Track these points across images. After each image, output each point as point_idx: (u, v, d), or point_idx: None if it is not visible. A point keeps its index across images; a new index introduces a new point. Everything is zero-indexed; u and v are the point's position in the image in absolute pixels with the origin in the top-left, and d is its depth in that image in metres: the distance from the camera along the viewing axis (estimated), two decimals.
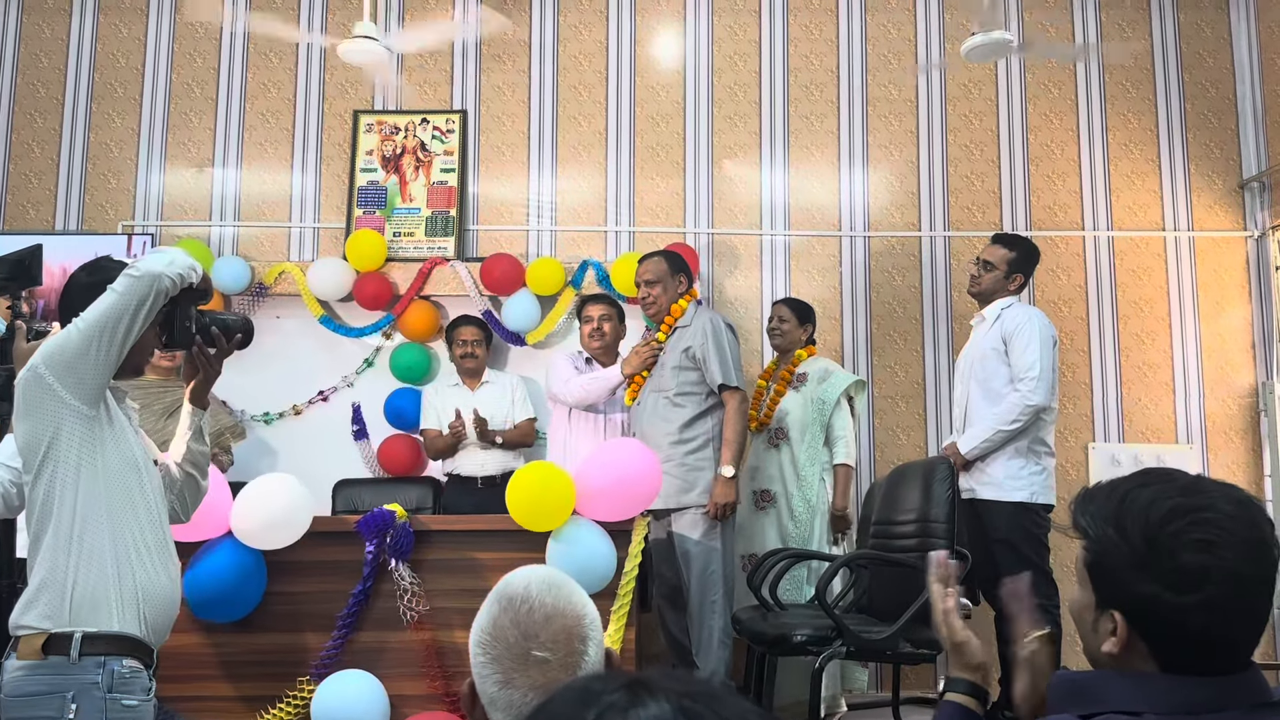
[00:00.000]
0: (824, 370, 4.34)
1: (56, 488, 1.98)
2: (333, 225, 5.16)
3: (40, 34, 5.30)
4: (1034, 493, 3.85)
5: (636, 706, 0.64)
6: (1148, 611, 1.15)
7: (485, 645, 1.23)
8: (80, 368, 1.97)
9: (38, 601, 1.97)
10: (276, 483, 3.06)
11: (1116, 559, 1.17)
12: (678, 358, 3.91)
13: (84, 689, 1.95)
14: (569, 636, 1.22)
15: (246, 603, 3.07)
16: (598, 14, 5.29)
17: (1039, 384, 3.82)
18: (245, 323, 2.28)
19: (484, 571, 3.17)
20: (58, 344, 1.98)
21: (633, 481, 3.16)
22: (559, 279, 4.92)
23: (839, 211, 5.15)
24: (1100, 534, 1.19)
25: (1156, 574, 1.14)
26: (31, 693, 1.94)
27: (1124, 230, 5.11)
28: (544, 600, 1.24)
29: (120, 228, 5.14)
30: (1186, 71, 5.19)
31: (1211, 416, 4.98)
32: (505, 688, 1.20)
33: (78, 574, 1.97)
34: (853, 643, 3.20)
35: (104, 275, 2.10)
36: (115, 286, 2.00)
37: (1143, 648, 1.16)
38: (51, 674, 1.94)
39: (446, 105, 5.23)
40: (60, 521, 1.98)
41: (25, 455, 2.00)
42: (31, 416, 1.98)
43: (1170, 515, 1.15)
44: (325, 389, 5.00)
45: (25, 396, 1.98)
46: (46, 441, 1.97)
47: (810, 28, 5.27)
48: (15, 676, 1.95)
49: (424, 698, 3.10)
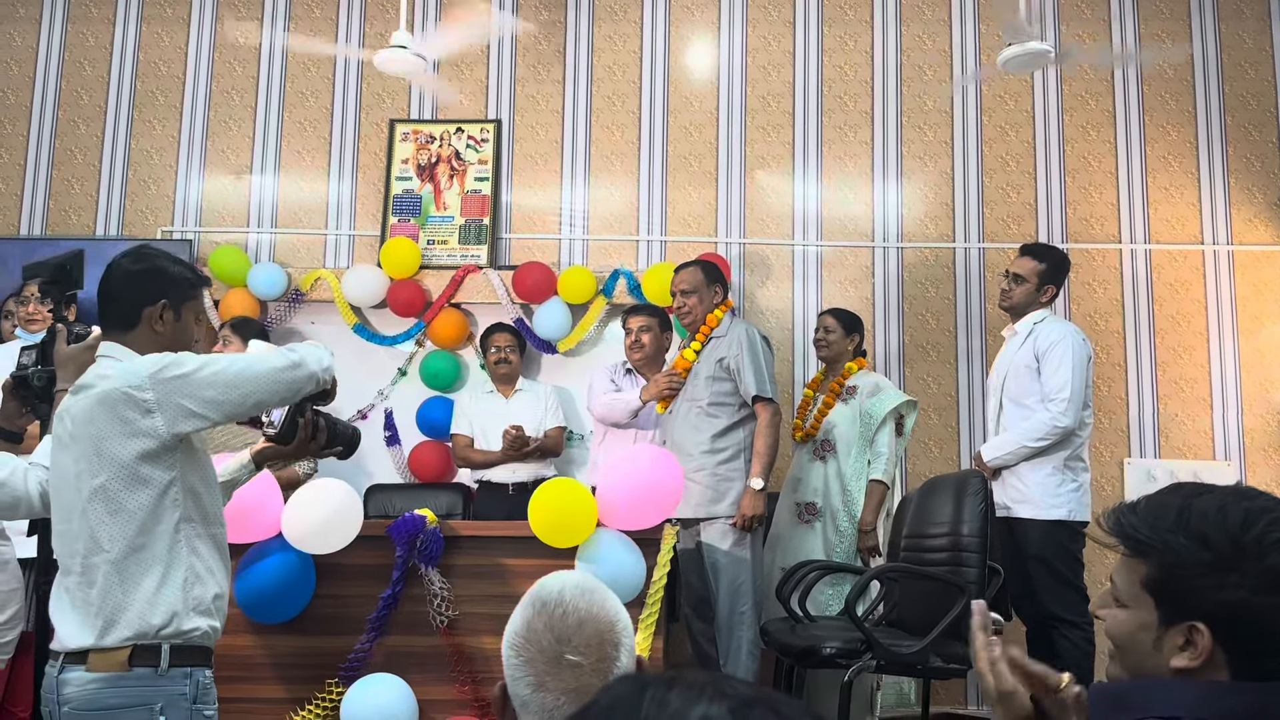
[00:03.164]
0: (874, 385, 4.24)
1: (149, 501, 1.95)
2: (368, 233, 5.21)
3: (84, 42, 5.40)
4: (1071, 510, 3.81)
5: (690, 706, 0.64)
6: (1236, 617, 1.12)
7: (519, 648, 1.24)
8: (209, 400, 1.96)
9: (124, 613, 1.91)
10: (329, 487, 3.08)
11: (1194, 569, 1.14)
12: (711, 368, 3.89)
13: (172, 700, 1.93)
14: (602, 641, 1.23)
15: (294, 605, 3.09)
16: (632, 24, 5.31)
17: (1070, 406, 3.77)
18: (354, 438, 2.29)
19: (513, 578, 3.18)
20: (208, 374, 1.96)
21: (654, 488, 3.15)
22: (590, 288, 4.94)
23: (872, 222, 5.13)
24: (1168, 544, 1.16)
25: (1245, 577, 1.12)
26: (113, 705, 1.89)
27: (1162, 243, 5.05)
28: (578, 605, 1.25)
29: (159, 233, 5.22)
30: (1227, 83, 5.13)
31: (1250, 432, 4.90)
32: (538, 690, 1.21)
33: (164, 586, 1.94)
34: (882, 656, 3.17)
35: (149, 264, 2.10)
36: (276, 363, 2.02)
37: (1222, 658, 1.14)
38: (137, 685, 1.91)
39: (481, 115, 5.27)
40: (153, 535, 1.95)
41: (111, 467, 1.94)
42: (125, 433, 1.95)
43: (1249, 519, 1.13)
44: (363, 407, 5.03)
45: (120, 414, 1.94)
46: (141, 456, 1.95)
47: (845, 38, 5.26)
48: (91, 689, 1.89)
49: (452, 703, 3.11)
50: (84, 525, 1.95)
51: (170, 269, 2.14)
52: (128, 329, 2.08)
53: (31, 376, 2.28)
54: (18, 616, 3.13)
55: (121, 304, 2.09)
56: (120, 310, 2.09)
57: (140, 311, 2.08)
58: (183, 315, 2.14)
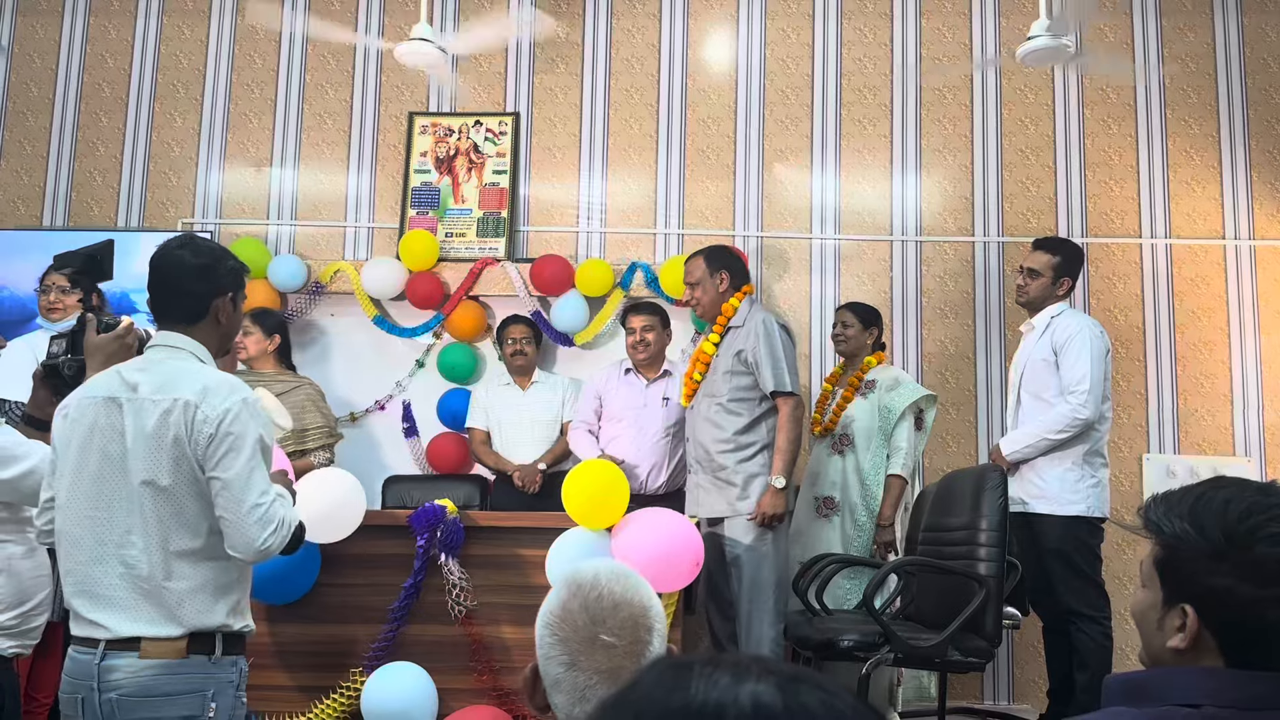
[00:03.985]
0: (894, 379, 4.22)
1: (202, 500, 2.01)
2: (387, 225, 5.23)
3: (106, 35, 5.44)
4: (1090, 505, 3.80)
5: (739, 683, 0.65)
6: (1221, 604, 1.17)
7: (553, 627, 1.26)
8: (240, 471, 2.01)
9: (185, 605, 1.97)
10: (331, 477, 3.11)
11: (1191, 552, 1.19)
12: (730, 361, 3.78)
13: (222, 687, 1.99)
14: (635, 625, 1.25)
15: (298, 586, 3.12)
16: (650, 17, 5.31)
17: (1089, 398, 3.75)
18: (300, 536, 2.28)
19: (531, 569, 3.20)
20: (246, 465, 2.01)
21: (673, 556, 3.06)
22: (608, 281, 4.95)
23: (890, 216, 5.12)
24: (1174, 530, 1.21)
25: (1233, 566, 1.16)
26: (170, 692, 1.94)
27: (1183, 238, 5.02)
28: (612, 589, 1.27)
29: (180, 225, 5.26)
30: (1249, 77, 5.09)
31: (1271, 429, 4.87)
32: (571, 669, 1.23)
33: (215, 576, 2.02)
34: (900, 649, 3.18)
35: (212, 257, 2.14)
36: (286, 519, 2.05)
37: (1211, 642, 1.18)
38: (194, 672, 1.96)
39: (500, 108, 5.28)
40: (203, 531, 2.02)
41: (182, 470, 2.00)
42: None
43: (1249, 511, 1.18)
44: (381, 398, 5.06)
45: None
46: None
47: (864, 31, 5.24)
48: (145, 676, 1.94)
49: (471, 691, 3.13)
50: (136, 517, 1.99)
51: (229, 261, 2.19)
52: (194, 321, 2.12)
53: (62, 365, 2.30)
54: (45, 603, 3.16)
55: (189, 297, 2.12)
56: (187, 303, 2.12)
57: (209, 304, 2.12)
58: (238, 306, 2.20)
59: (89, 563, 2.01)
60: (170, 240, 2.17)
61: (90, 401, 2.07)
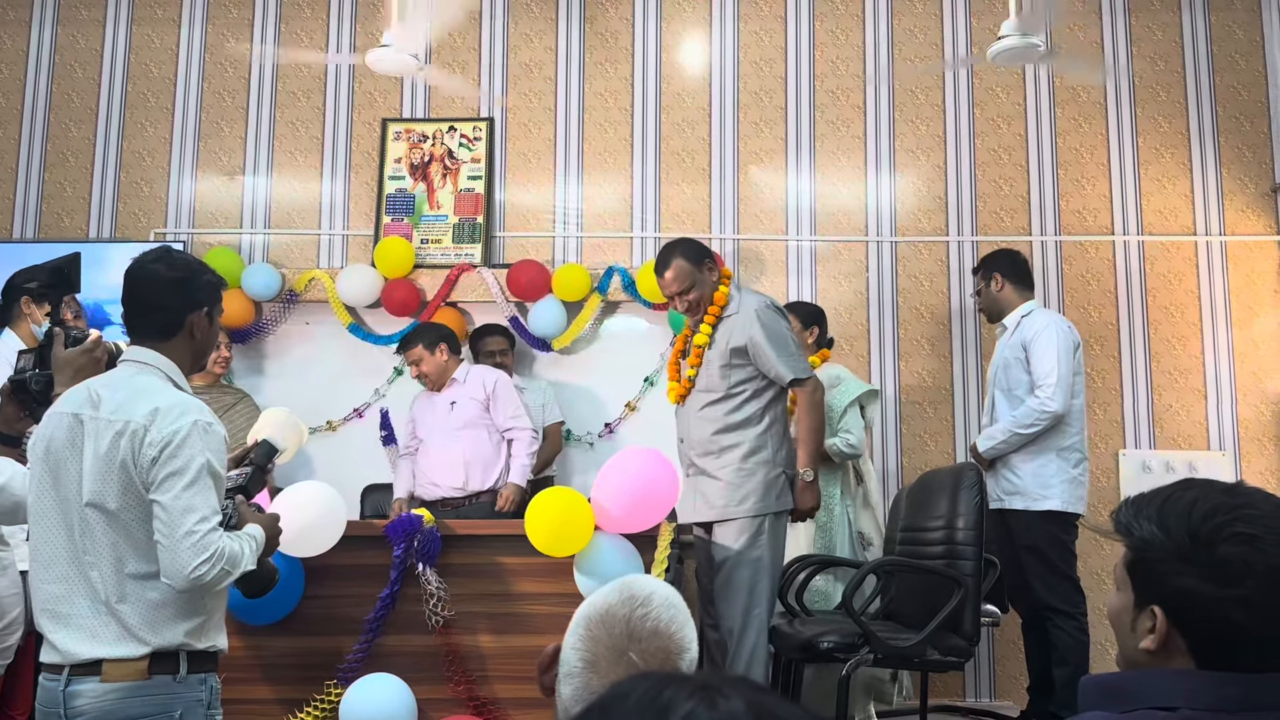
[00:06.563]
0: (835, 377, 4.15)
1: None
2: (361, 233, 5.21)
3: (75, 44, 5.39)
4: (1064, 500, 3.83)
5: (712, 706, 0.64)
6: (1187, 605, 1.17)
7: (591, 623, 1.25)
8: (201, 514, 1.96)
9: (145, 625, 1.93)
10: (310, 491, 3.08)
11: (1158, 554, 1.20)
12: (725, 355, 3.47)
13: (190, 707, 1.95)
14: (666, 658, 1.23)
15: (283, 605, 3.09)
16: (624, 21, 5.31)
17: (1057, 390, 3.82)
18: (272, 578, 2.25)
19: (510, 578, 3.19)
20: (185, 501, 1.94)
21: (649, 493, 3.10)
22: (585, 285, 4.94)
23: (865, 216, 5.13)
24: (1143, 532, 1.22)
25: (1197, 567, 1.17)
26: (134, 714, 1.90)
27: (1155, 235, 5.06)
28: (660, 615, 1.25)
29: (153, 235, 5.21)
30: (1218, 74, 5.14)
31: (1244, 423, 4.92)
32: (587, 668, 1.22)
33: (174, 597, 1.96)
34: (880, 650, 3.18)
35: (187, 270, 2.10)
36: (250, 559, 2.02)
37: (1181, 644, 1.19)
38: (156, 693, 1.92)
39: (474, 113, 5.27)
40: (155, 555, 1.98)
41: (133, 494, 1.97)
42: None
43: (1213, 511, 1.18)
44: (359, 405, 5.03)
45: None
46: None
47: (836, 33, 5.26)
48: (110, 700, 1.90)
49: (449, 701, 3.11)
50: (89, 539, 1.96)
51: (205, 275, 2.15)
52: (167, 336, 2.09)
53: (30, 380, 2.27)
54: (18, 621, 3.13)
55: (164, 311, 2.08)
56: (160, 318, 2.09)
57: (184, 319, 2.09)
58: (215, 321, 2.16)
59: (54, 580, 1.99)
60: (146, 253, 2.14)
61: (59, 417, 2.05)
